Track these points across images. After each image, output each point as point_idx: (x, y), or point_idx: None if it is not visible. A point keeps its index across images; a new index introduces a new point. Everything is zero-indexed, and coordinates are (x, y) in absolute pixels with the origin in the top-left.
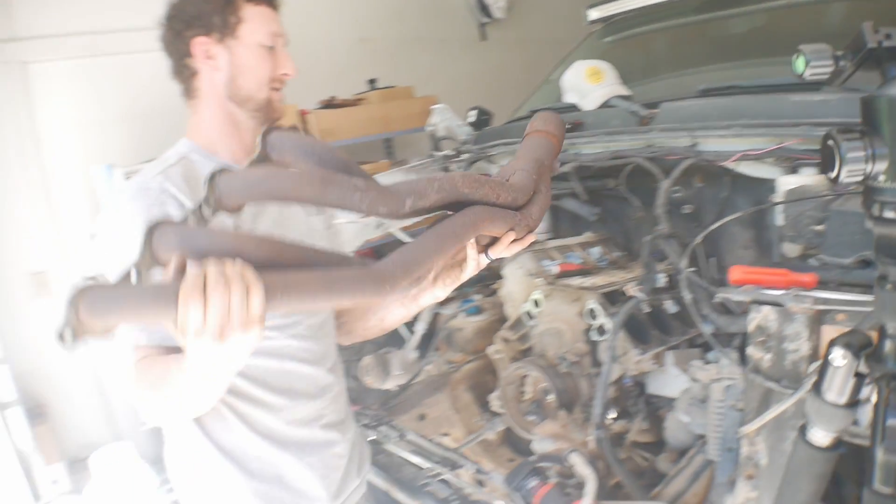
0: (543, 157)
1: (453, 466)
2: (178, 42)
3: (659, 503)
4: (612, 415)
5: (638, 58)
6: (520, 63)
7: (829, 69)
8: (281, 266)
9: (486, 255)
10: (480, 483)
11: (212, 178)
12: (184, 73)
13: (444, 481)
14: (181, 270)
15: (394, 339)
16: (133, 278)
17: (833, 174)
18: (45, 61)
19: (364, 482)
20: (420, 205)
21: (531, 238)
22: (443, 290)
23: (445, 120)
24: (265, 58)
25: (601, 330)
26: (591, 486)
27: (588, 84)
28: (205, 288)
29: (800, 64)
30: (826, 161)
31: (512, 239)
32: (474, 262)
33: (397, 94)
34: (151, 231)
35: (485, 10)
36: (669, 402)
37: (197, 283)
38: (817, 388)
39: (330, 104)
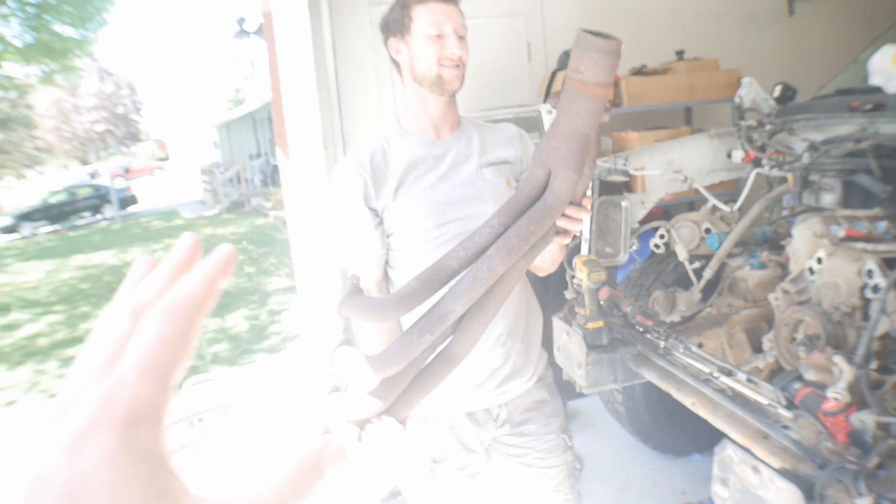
0: (588, 128)
1: (729, 374)
2: (386, 45)
3: None
4: (873, 365)
5: None
6: (828, 40)
7: None
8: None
9: None
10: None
11: (333, 355)
12: (395, 66)
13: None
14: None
15: (682, 281)
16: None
17: None
18: None
19: (501, 396)
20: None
21: (586, 212)
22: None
23: (752, 92)
24: (432, 44)
25: (876, 289)
26: (847, 377)
27: (895, 68)
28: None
29: None
30: None
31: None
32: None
33: (703, 65)
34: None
35: None
36: None
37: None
38: None
39: (640, 71)
